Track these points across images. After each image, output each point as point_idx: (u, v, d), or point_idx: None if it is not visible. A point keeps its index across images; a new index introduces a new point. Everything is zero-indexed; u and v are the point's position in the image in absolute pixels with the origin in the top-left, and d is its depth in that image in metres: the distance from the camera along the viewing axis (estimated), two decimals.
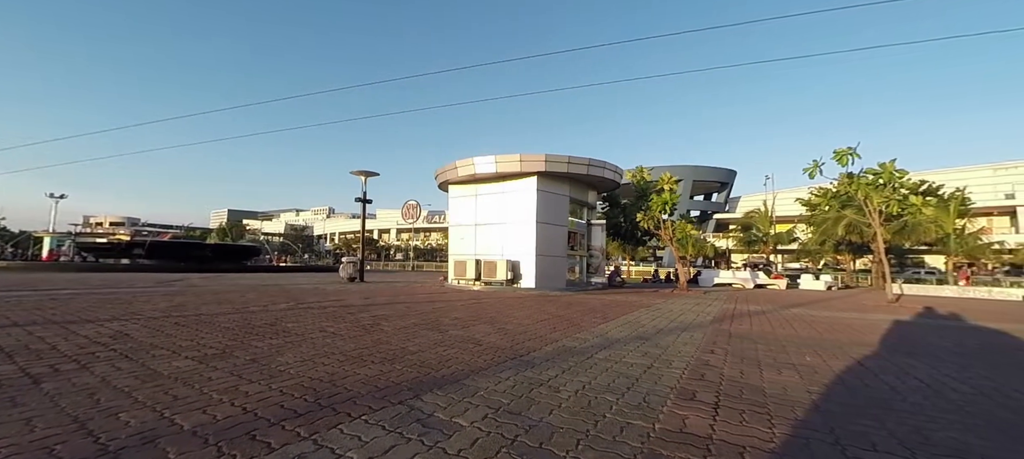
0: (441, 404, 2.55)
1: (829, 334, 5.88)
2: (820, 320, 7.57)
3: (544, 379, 3.15)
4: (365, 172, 15.48)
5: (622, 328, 5.83)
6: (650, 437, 2.16)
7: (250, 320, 5.55)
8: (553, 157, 13.31)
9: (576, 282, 15.50)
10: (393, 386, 2.88)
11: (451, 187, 15.53)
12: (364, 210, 15.98)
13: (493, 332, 5.15)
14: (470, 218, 14.84)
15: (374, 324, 5.51)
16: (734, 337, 5.39)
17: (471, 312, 7.11)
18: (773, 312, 8.75)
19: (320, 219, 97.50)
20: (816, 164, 11.81)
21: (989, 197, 37.70)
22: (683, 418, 2.43)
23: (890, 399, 2.90)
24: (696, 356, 4.15)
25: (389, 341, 4.41)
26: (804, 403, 2.76)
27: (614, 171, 14.85)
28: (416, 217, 36.59)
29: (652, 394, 2.86)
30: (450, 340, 4.56)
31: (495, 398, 2.68)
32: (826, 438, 2.19)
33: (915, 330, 6.72)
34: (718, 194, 54.56)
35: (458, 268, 14.26)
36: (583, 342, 4.70)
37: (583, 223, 16.15)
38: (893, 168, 12.23)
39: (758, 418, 2.46)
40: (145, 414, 2.27)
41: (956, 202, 26.54)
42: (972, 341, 5.77)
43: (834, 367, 3.82)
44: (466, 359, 3.71)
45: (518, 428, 2.22)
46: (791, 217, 38.41)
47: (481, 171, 13.80)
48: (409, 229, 58.79)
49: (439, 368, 3.38)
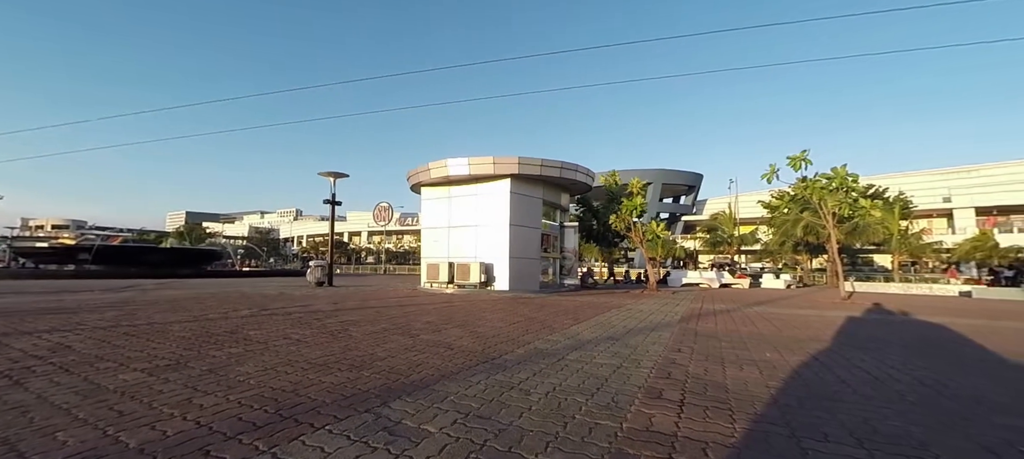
0: (410, 411, 2.50)
1: (787, 331, 6.17)
2: (780, 317, 7.93)
3: (515, 382, 3.15)
4: (334, 173, 15.07)
5: (593, 329, 5.91)
6: (618, 437, 2.19)
7: (208, 328, 5.27)
8: (526, 160, 13.38)
9: (550, 284, 15.62)
10: (360, 394, 2.80)
11: (424, 189, 15.34)
12: (333, 212, 15.54)
13: (465, 336, 5.11)
14: (443, 220, 14.70)
15: (342, 330, 5.36)
16: (700, 336, 5.56)
17: (443, 316, 7.03)
18: (737, 310, 9.10)
19: (286, 221, 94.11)
20: (773, 169, 12.39)
21: (928, 200, 40.64)
22: (650, 417, 2.49)
23: (841, 391, 3.07)
24: (664, 355, 4.25)
25: (358, 347, 4.29)
26: (763, 398, 2.87)
27: (586, 174, 15.08)
28: (388, 219, 35.92)
29: (620, 394, 2.91)
30: (421, 345, 4.49)
31: (465, 403, 2.66)
32: (783, 431, 2.29)
33: (864, 325, 7.15)
34: (686, 197, 56.33)
35: (431, 271, 14.09)
36: (555, 344, 4.73)
37: (556, 225, 16.31)
38: (845, 173, 13.00)
39: (721, 414, 2.55)
40: (86, 432, 2.11)
41: (900, 205, 28.49)
42: (914, 334, 6.19)
43: (791, 362, 4.01)
44: (437, 364, 3.66)
45: (487, 433, 2.20)
46: (754, 219, 40.11)
47: (454, 173, 13.70)
48: (381, 232, 57.62)
49: (409, 374, 3.32)
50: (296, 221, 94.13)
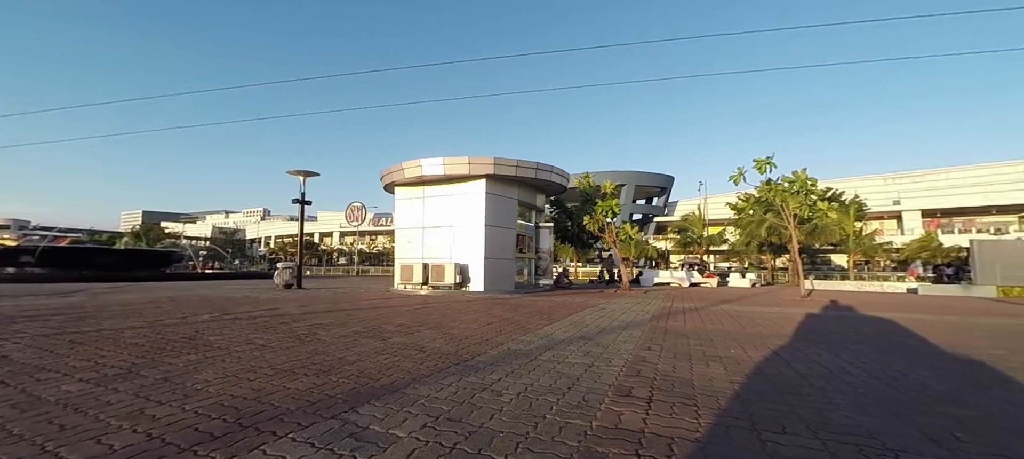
0: (378, 415, 2.45)
1: (751, 327, 6.42)
2: (744, 315, 8.24)
3: (487, 383, 3.14)
4: (303, 172, 14.61)
5: (567, 329, 5.96)
6: (587, 435, 2.21)
7: (164, 334, 5.00)
8: (501, 160, 13.39)
9: (525, 284, 15.67)
10: (327, 399, 2.72)
11: (397, 189, 15.10)
12: (302, 212, 15.06)
13: (438, 337, 5.06)
14: (417, 221, 14.51)
15: (310, 334, 5.19)
16: (669, 333, 5.71)
17: (417, 317, 6.93)
18: (705, 308, 9.40)
19: (253, 222, 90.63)
20: (740, 172, 12.88)
21: (880, 203, 43.26)
22: (619, 414, 2.53)
23: (799, 385, 3.21)
24: (634, 353, 4.34)
25: (326, 351, 4.17)
26: (727, 393, 2.97)
27: (561, 175, 15.22)
28: (361, 220, 35.15)
29: (591, 392, 2.95)
30: (392, 348, 4.41)
31: (436, 406, 2.62)
32: (744, 424, 2.38)
33: (822, 321, 7.52)
34: (658, 198, 57.82)
35: (404, 272, 13.87)
36: (528, 344, 4.75)
37: (532, 226, 16.39)
38: (805, 176, 13.65)
39: (687, 410, 2.62)
40: (21, 449, 1.95)
41: (855, 207, 30.15)
42: (867, 329, 6.56)
43: (754, 358, 4.17)
44: (408, 367, 3.60)
45: (458, 435, 2.18)
46: (722, 220, 41.57)
47: (428, 173, 13.55)
48: (354, 232, 56.31)
49: (379, 378, 3.25)
50: (264, 221, 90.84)
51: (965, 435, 2.28)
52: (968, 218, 44.51)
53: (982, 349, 4.91)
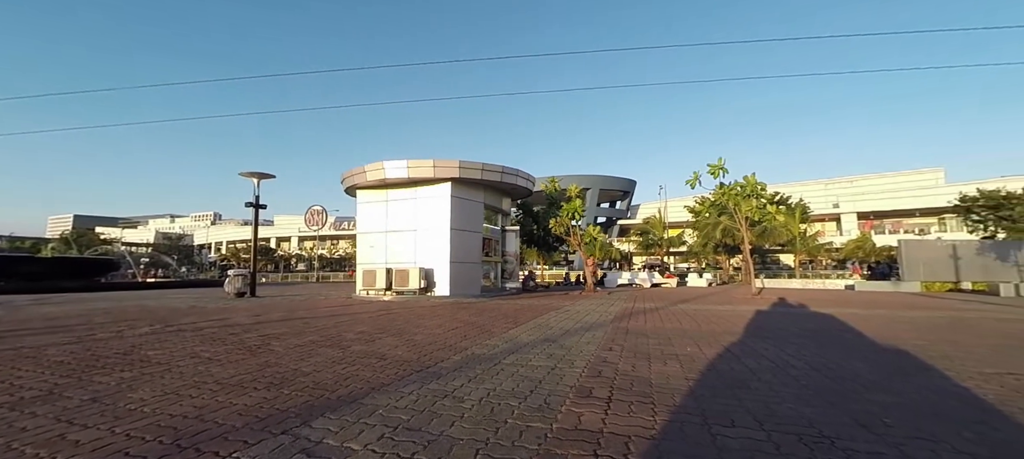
0: (333, 428, 2.35)
1: (707, 326, 6.71)
2: (701, 313, 8.61)
3: (449, 390, 3.09)
4: (258, 174, 13.89)
5: (532, 332, 5.99)
6: (547, 438, 2.22)
7: (95, 350, 4.58)
8: (467, 163, 13.31)
9: (491, 288, 15.63)
10: (278, 414, 2.58)
11: (359, 192, 14.67)
12: (257, 215, 14.31)
13: (400, 344, 4.94)
14: (380, 225, 14.15)
15: (262, 345, 4.93)
16: (631, 333, 5.86)
17: (379, 324, 6.74)
18: (664, 308, 9.74)
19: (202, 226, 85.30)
20: (696, 176, 13.48)
21: (821, 207, 46.57)
22: (579, 415, 2.56)
23: (748, 379, 3.39)
24: (596, 354, 4.42)
25: (279, 363, 3.97)
26: (682, 390, 3.08)
27: (527, 179, 15.33)
28: (322, 224, 33.86)
29: (553, 395, 2.97)
30: (351, 357, 4.26)
31: (395, 416, 2.55)
32: (697, 420, 2.47)
33: (770, 318, 7.98)
34: (621, 202, 59.44)
35: (367, 278, 13.47)
36: (493, 348, 4.73)
37: (498, 229, 16.38)
38: (755, 181, 14.48)
39: (644, 408, 2.69)
40: None
41: (800, 211, 32.29)
42: (809, 325, 7.02)
43: (708, 355, 4.36)
44: (367, 376, 3.49)
45: (416, 445, 2.13)
46: (681, 223, 43.25)
47: (392, 176, 13.26)
48: (314, 237, 54.12)
49: (335, 388, 3.13)
50: (214, 226, 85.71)
51: (891, 420, 2.48)
52: (896, 220, 48.77)
53: (908, 340, 5.37)
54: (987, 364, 4.00)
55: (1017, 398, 2.93)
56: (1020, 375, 3.60)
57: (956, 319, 7.90)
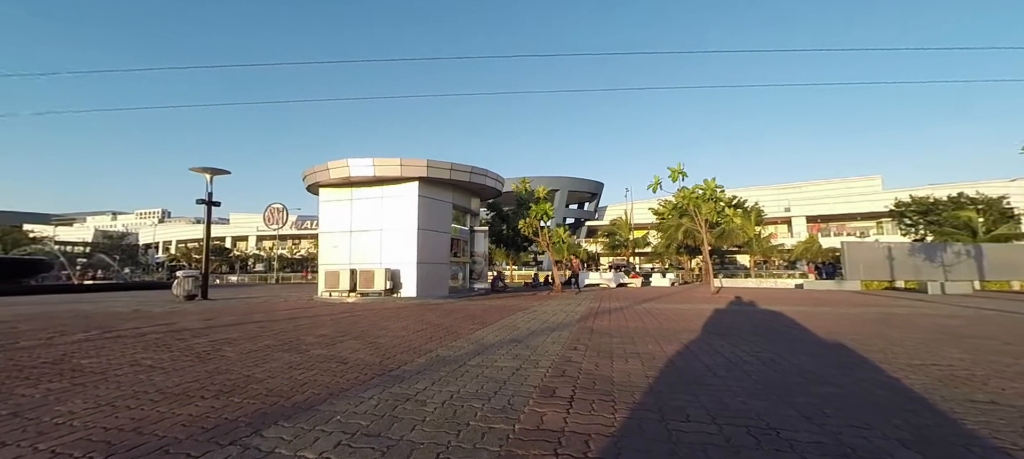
0: (286, 437, 2.25)
1: (668, 324, 6.95)
2: (663, 312, 8.90)
3: (412, 393, 3.03)
4: (210, 169, 13.13)
5: (498, 332, 5.99)
6: (509, 439, 2.22)
7: (17, 360, 4.18)
8: (435, 163, 13.16)
9: (460, 289, 15.51)
10: (226, 423, 2.45)
11: (322, 190, 14.18)
12: (209, 213, 13.52)
13: (363, 348, 4.80)
14: (344, 224, 13.73)
15: (213, 351, 4.66)
16: (595, 333, 5.98)
17: (341, 327, 6.54)
18: (629, 308, 10.00)
19: (149, 224, 79.87)
20: (657, 180, 13.97)
21: (774, 210, 49.36)
22: (542, 415, 2.58)
23: (703, 375, 3.53)
24: (561, 354, 4.47)
25: (230, 370, 3.76)
26: (642, 387, 3.17)
27: (496, 179, 15.33)
28: (282, 222, 32.46)
29: (517, 395, 2.98)
30: (310, 361, 4.10)
31: (353, 421, 2.48)
32: (655, 416, 2.55)
33: (727, 316, 8.36)
34: (589, 203, 60.56)
35: (330, 279, 13.04)
36: (458, 350, 4.69)
37: (466, 230, 16.29)
38: (714, 185, 15.16)
39: (605, 406, 2.75)
40: None
41: (755, 214, 34.05)
42: (762, 322, 7.41)
43: (668, 352, 4.51)
44: (326, 381, 3.37)
45: (375, 451, 2.08)
46: (646, 224, 44.63)
47: (357, 174, 12.90)
48: (273, 236, 51.77)
49: (291, 395, 3.00)
50: (162, 224, 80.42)
51: (831, 410, 2.66)
52: (841, 223, 52.44)
53: (847, 335, 5.77)
54: (915, 356, 4.37)
55: (939, 387, 3.21)
56: (942, 366, 3.94)
57: (889, 315, 8.57)
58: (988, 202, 31.77)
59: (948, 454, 2.03)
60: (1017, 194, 29.44)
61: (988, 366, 3.92)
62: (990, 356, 4.38)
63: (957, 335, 5.84)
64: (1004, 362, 4.09)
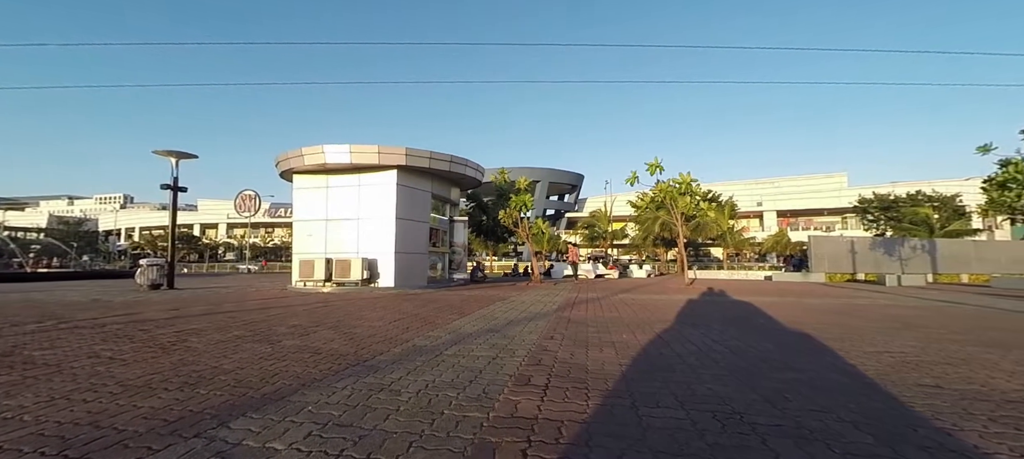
0: (254, 428, 2.20)
1: (642, 313, 7.11)
2: (638, 302, 9.10)
3: (386, 383, 3.01)
4: (176, 153, 12.55)
5: (476, 322, 6.00)
6: (483, 427, 2.24)
7: None
8: (414, 151, 12.96)
9: (439, 279, 15.43)
10: (191, 416, 2.37)
11: (297, 177, 13.78)
12: (175, 198, 12.96)
13: (337, 338, 4.73)
14: (320, 212, 13.41)
15: (178, 341, 4.49)
16: (572, 322, 6.06)
17: (315, 317, 6.41)
18: (606, 298, 10.17)
19: (110, 210, 76.01)
20: (634, 174, 14.19)
21: (747, 204, 50.91)
22: (516, 403, 2.60)
23: (674, 363, 3.63)
24: (537, 343, 4.52)
25: (197, 361, 3.64)
26: (615, 375, 3.24)
27: (475, 169, 15.23)
28: (254, 210, 31.44)
29: (492, 384, 3.00)
30: (282, 352, 4.01)
31: (325, 412, 2.44)
32: (626, 402, 2.61)
33: (699, 306, 8.62)
34: (569, 195, 61.01)
35: (304, 268, 12.74)
36: (436, 340, 4.67)
37: (445, 220, 16.16)
38: (689, 179, 15.49)
39: (578, 393, 2.80)
40: None
41: (729, 207, 35.03)
42: (731, 312, 7.68)
43: (641, 341, 4.62)
44: (298, 372, 3.30)
45: (346, 441, 2.05)
46: (624, 217, 45.30)
47: (333, 161, 12.59)
48: (244, 224, 50.06)
49: (260, 386, 2.93)
50: (125, 210, 76.68)
51: (792, 395, 2.78)
52: (808, 218, 54.59)
53: (810, 324, 6.04)
54: (871, 344, 4.61)
55: (891, 373, 3.41)
56: (895, 353, 4.18)
57: (850, 305, 9.01)
58: (943, 200, 33.64)
59: (894, 434, 2.16)
60: (970, 192, 31.26)
61: (935, 353, 4.18)
62: (937, 344, 4.67)
63: (910, 324, 6.20)
64: (950, 349, 4.37)
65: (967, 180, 41.45)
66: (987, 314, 7.67)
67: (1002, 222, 32.74)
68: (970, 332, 5.53)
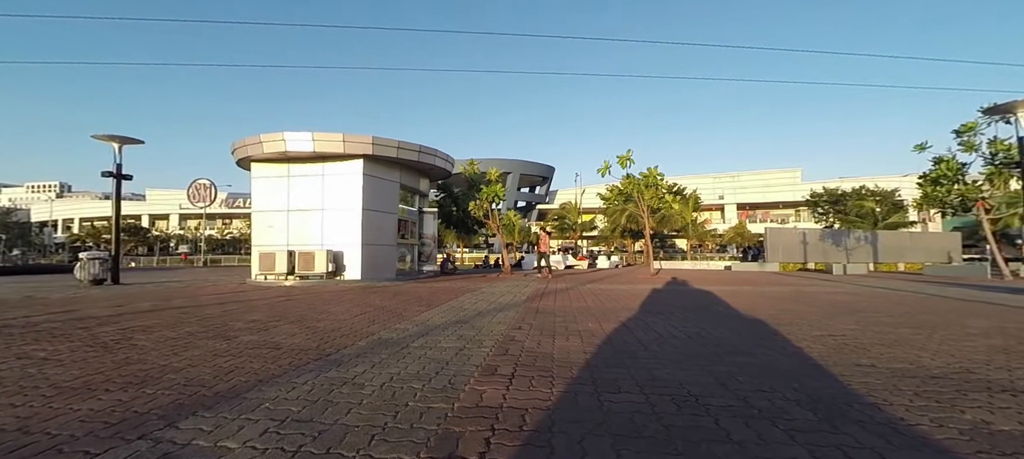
0: (206, 428, 2.10)
1: (608, 303, 7.29)
2: (605, 292, 9.32)
3: (349, 377, 2.95)
4: (119, 137, 11.66)
5: (445, 314, 5.96)
6: (447, 417, 2.23)
7: None
8: (381, 140, 12.63)
9: (408, 271, 15.20)
10: (135, 417, 2.23)
11: (255, 166, 13.13)
12: (119, 187, 12.06)
13: (299, 332, 4.58)
14: (281, 203, 12.87)
15: (122, 339, 4.22)
16: (540, 313, 6.13)
17: (276, 312, 6.18)
18: (574, 288, 10.36)
19: (44, 199, 70.02)
20: (606, 165, 14.45)
21: (709, 198, 53.04)
22: (481, 393, 2.61)
23: (636, 350, 3.76)
24: (505, 333, 4.55)
25: (143, 359, 3.43)
26: (579, 363, 3.32)
27: (445, 159, 15.03)
28: (209, 200, 29.79)
29: (459, 375, 2.99)
30: (238, 348, 3.84)
31: (283, 408, 2.36)
32: (589, 389, 2.68)
33: (663, 295, 8.93)
34: (540, 187, 61.43)
35: (265, 261, 12.22)
36: (402, 332, 4.61)
37: (414, 211, 15.90)
38: (656, 172, 15.94)
39: (543, 382, 2.84)
40: None
41: (693, 200, 36.33)
42: (692, 300, 8.00)
43: (606, 330, 4.74)
44: (255, 368, 3.18)
45: (305, 437, 2.00)
46: (594, 209, 46.12)
47: (294, 149, 12.07)
48: (199, 215, 47.35)
49: (214, 384, 2.80)
50: (61, 199, 70.80)
51: (743, 378, 2.94)
52: (766, 211, 57.51)
53: (765, 311, 6.39)
54: (816, 328, 4.94)
55: (832, 354, 3.66)
56: (837, 336, 4.49)
57: (800, 293, 9.60)
58: (884, 194, 36.25)
59: (833, 410, 2.33)
60: (907, 187, 33.84)
61: (872, 335, 4.52)
62: (874, 327, 5.05)
63: (852, 309, 6.67)
64: (884, 331, 4.74)
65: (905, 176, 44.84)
66: (918, 299, 8.37)
67: (934, 215, 35.68)
68: (903, 316, 6.02)
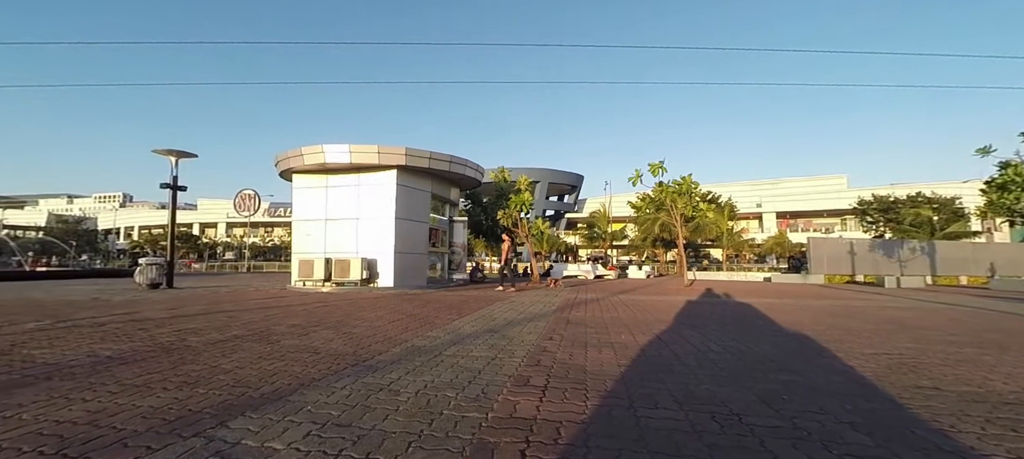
0: (253, 428, 2.20)
1: (641, 315, 7.12)
2: (637, 304, 9.10)
3: (385, 383, 3.01)
4: (176, 152, 12.55)
5: (475, 322, 6.00)
6: (482, 427, 2.24)
7: None
8: (414, 151, 12.96)
9: (438, 279, 15.43)
10: (190, 415, 2.37)
11: (296, 177, 13.77)
12: (174, 198, 12.95)
13: (336, 338, 4.73)
14: (319, 212, 13.41)
15: (177, 341, 4.49)
16: (571, 323, 6.06)
17: (314, 317, 6.41)
18: (605, 299, 10.18)
19: (109, 209, 75.98)
20: (638, 174, 14.19)
21: (746, 206, 50.92)
22: (515, 404, 2.61)
23: (672, 364, 3.64)
24: (536, 343, 4.52)
25: (196, 360, 3.64)
26: (613, 376, 3.25)
27: (475, 169, 15.23)
28: (253, 209, 31.43)
29: (491, 385, 3.00)
30: (281, 352, 4.01)
31: (324, 411, 2.45)
32: (624, 403, 2.62)
33: (698, 307, 8.62)
34: (569, 196, 60.96)
35: (304, 268, 12.74)
36: (434, 340, 4.67)
37: (445, 220, 16.16)
38: (690, 180, 15.51)
39: (577, 394, 2.80)
40: None
41: (728, 209, 35.06)
42: (729, 313, 7.68)
43: (640, 342, 4.63)
44: (297, 371, 3.31)
45: (345, 441, 2.06)
46: (624, 218, 45.31)
47: (332, 161, 12.59)
48: (244, 223, 50.00)
49: (259, 386, 2.93)
50: (124, 209, 76.62)
51: (789, 397, 2.79)
52: (808, 220, 54.61)
53: (809, 326, 6.05)
54: (868, 346, 4.62)
55: (888, 374, 3.41)
56: (892, 354, 4.19)
57: (848, 307, 9.02)
58: (942, 202, 33.66)
59: (892, 435, 2.17)
60: (969, 195, 31.28)
61: (933, 355, 4.19)
62: (935, 346, 4.68)
63: (908, 326, 6.21)
64: (948, 351, 4.38)
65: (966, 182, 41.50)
66: (985, 316, 7.68)
67: (1001, 224, 32.78)
68: (967, 334, 5.54)
